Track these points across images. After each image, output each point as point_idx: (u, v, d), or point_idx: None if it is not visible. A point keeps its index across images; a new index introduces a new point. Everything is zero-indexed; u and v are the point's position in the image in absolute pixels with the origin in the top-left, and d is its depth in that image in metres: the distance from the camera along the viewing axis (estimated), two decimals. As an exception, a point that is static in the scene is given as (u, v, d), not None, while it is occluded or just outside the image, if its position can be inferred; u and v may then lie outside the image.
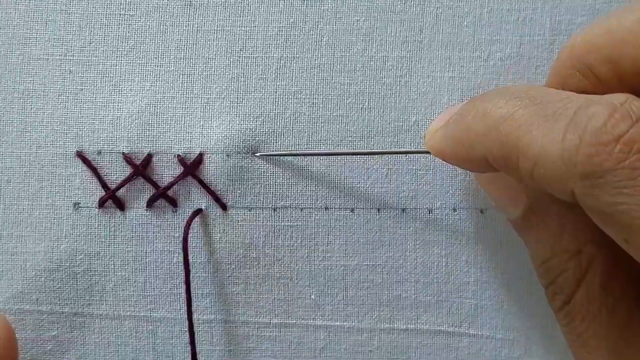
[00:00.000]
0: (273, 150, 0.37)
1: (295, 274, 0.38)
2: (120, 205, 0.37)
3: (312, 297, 0.38)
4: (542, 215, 0.30)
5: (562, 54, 0.31)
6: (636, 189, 0.24)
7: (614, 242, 0.27)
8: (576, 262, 0.29)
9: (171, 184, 0.37)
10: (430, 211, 0.38)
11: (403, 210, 0.38)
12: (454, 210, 0.38)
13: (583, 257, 0.29)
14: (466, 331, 0.38)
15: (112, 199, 0.37)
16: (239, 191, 0.37)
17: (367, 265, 0.38)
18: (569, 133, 0.25)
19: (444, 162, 0.33)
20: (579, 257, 0.29)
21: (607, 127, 0.24)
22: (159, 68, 0.37)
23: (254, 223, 0.37)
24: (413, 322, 0.38)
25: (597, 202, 0.24)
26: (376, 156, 0.38)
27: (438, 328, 0.38)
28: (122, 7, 0.37)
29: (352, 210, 0.38)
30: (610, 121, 0.25)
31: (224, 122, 0.37)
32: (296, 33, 0.37)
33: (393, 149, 0.37)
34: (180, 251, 0.37)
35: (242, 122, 0.37)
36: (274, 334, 0.38)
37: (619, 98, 0.25)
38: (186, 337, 0.37)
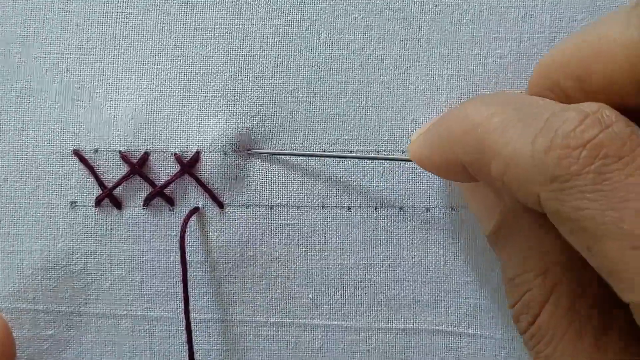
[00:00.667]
0: (270, 149, 0.37)
1: (293, 272, 0.38)
2: (117, 204, 0.37)
3: (310, 296, 0.38)
4: (512, 231, 0.31)
5: (534, 71, 0.31)
6: (600, 193, 0.24)
7: (581, 264, 0.28)
8: (542, 281, 0.29)
9: (168, 183, 0.37)
10: (427, 209, 0.38)
11: (400, 208, 0.37)
12: (452, 209, 0.38)
13: (549, 277, 0.29)
14: (465, 331, 0.38)
15: (108, 198, 0.37)
16: (236, 189, 0.37)
17: (364, 264, 0.38)
18: (540, 136, 0.26)
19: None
20: (544, 276, 0.29)
21: (576, 131, 0.25)
22: (156, 66, 0.37)
23: (251, 221, 0.37)
24: (411, 321, 0.38)
25: (563, 207, 0.25)
26: (373, 153, 0.37)
27: (436, 327, 0.38)
28: (119, 5, 0.37)
29: (349, 208, 0.37)
30: (580, 126, 0.25)
31: (220, 121, 0.37)
32: (293, 31, 0.37)
33: (379, 155, 0.37)
34: (177, 250, 0.37)
35: (239, 121, 0.37)
36: (271, 333, 0.38)
37: (591, 106, 0.26)
38: (183, 336, 0.37)
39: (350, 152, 0.37)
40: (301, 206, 0.37)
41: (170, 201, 0.37)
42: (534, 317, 0.29)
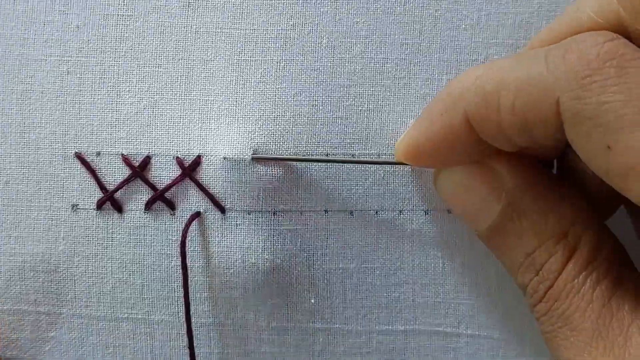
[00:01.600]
0: (272, 153, 0.37)
1: (294, 277, 0.38)
2: (118, 207, 0.37)
3: (312, 300, 0.38)
4: (523, 207, 0.30)
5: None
6: (623, 86, 0.24)
7: (598, 219, 0.29)
8: (564, 244, 0.29)
9: (169, 186, 0.37)
10: (426, 212, 0.38)
11: (400, 212, 0.38)
12: (449, 211, 0.38)
13: (570, 237, 0.29)
14: (464, 332, 0.39)
15: (110, 201, 0.37)
16: (238, 194, 0.37)
17: (365, 267, 0.38)
18: (552, 52, 0.26)
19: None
20: (566, 239, 0.29)
21: (591, 37, 0.26)
22: (157, 69, 0.37)
23: (253, 226, 0.37)
24: (411, 323, 0.38)
25: (585, 106, 0.25)
26: (374, 156, 0.38)
27: (436, 329, 0.38)
28: (120, 8, 0.37)
29: (351, 213, 0.38)
30: (592, 35, 0.26)
31: (222, 124, 0.37)
32: (295, 35, 0.37)
33: (364, 159, 0.37)
34: (178, 254, 0.37)
35: (240, 124, 0.37)
36: (273, 337, 0.38)
37: (593, 31, 0.27)
38: (184, 340, 0.37)
39: (352, 155, 0.37)
40: (304, 211, 0.38)
41: (171, 205, 0.37)
42: (553, 280, 0.29)
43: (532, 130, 0.28)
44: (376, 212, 0.38)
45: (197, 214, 0.37)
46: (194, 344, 0.37)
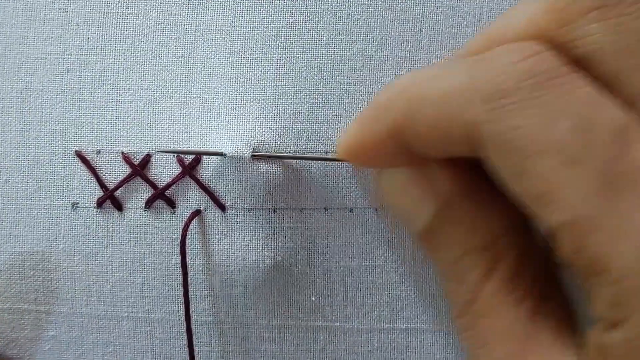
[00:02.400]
0: (272, 151, 0.37)
1: (295, 275, 0.38)
2: (118, 206, 0.37)
3: (312, 298, 0.38)
4: (453, 213, 0.30)
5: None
6: (536, 110, 0.24)
7: (524, 235, 0.28)
8: (488, 256, 0.28)
9: (169, 185, 0.37)
10: (429, 211, 0.38)
11: None
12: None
13: (494, 250, 0.28)
14: (465, 331, 0.38)
15: (110, 199, 0.37)
16: (238, 192, 0.37)
17: (366, 265, 0.38)
18: (472, 66, 0.26)
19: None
20: (490, 251, 0.28)
21: (512, 53, 0.25)
22: (157, 67, 0.37)
23: (253, 224, 0.37)
24: (413, 321, 0.38)
25: (498, 127, 0.24)
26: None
27: (438, 327, 0.38)
28: (120, 5, 0.37)
29: (351, 210, 0.37)
30: (515, 49, 0.25)
31: (222, 123, 0.37)
32: (295, 33, 0.37)
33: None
34: (179, 252, 0.37)
35: (240, 122, 0.37)
36: (273, 335, 0.38)
37: (520, 43, 0.26)
38: (184, 338, 0.37)
39: None
40: (304, 209, 0.37)
41: (172, 203, 0.37)
42: (475, 293, 0.28)
43: (452, 146, 0.27)
44: (376, 210, 0.38)
45: (196, 212, 0.37)
46: (194, 343, 0.37)
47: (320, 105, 0.37)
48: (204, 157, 0.37)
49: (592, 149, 0.23)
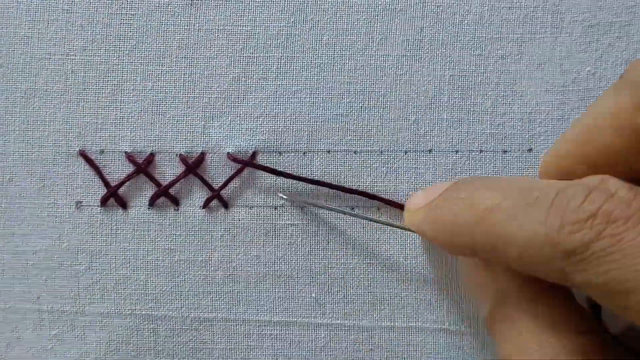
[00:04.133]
0: (273, 150, 0.37)
1: (296, 272, 0.38)
2: (122, 204, 0.38)
3: (313, 295, 0.38)
4: (509, 312, 0.31)
5: (544, 162, 0.33)
6: (618, 254, 0.25)
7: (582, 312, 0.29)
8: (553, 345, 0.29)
9: (173, 182, 0.37)
10: (430, 210, 0.38)
11: (402, 208, 0.38)
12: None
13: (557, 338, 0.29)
14: (467, 329, 0.38)
15: (114, 198, 0.37)
16: (241, 190, 0.37)
17: (367, 263, 0.38)
18: (550, 216, 0.27)
19: (442, 162, 0.34)
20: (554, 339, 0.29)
21: (584, 205, 0.26)
22: (160, 67, 0.38)
23: (255, 221, 0.37)
24: (413, 320, 0.38)
25: (587, 276, 0.26)
26: (376, 153, 0.38)
27: (439, 326, 0.38)
28: (123, 6, 0.38)
29: (352, 208, 0.38)
30: (588, 199, 0.26)
31: (225, 121, 0.37)
32: (297, 32, 0.37)
33: (383, 220, 0.37)
34: (182, 249, 0.37)
35: (243, 121, 0.37)
36: (275, 332, 0.38)
37: (594, 179, 0.28)
38: (188, 335, 0.37)
39: (355, 152, 0.37)
40: (305, 206, 0.38)
41: (175, 201, 0.38)
42: None
43: (542, 277, 0.28)
44: (378, 209, 0.38)
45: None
46: (197, 340, 0.37)
47: (321, 104, 0.37)
48: (207, 156, 0.37)
49: None
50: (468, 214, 0.30)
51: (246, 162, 0.37)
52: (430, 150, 0.38)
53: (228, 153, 0.37)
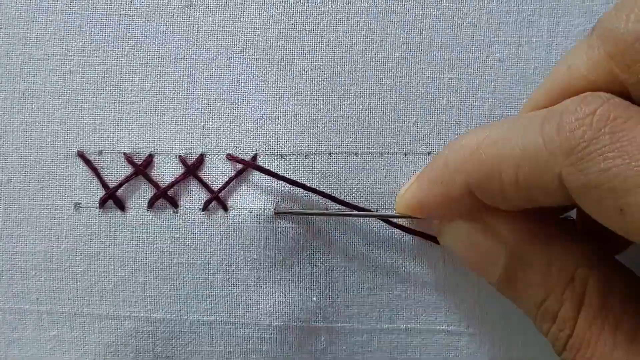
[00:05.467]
0: (273, 152, 0.37)
1: (296, 276, 0.38)
2: (121, 206, 0.37)
3: (314, 299, 0.38)
4: (526, 259, 0.31)
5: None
6: (621, 150, 0.25)
7: (605, 257, 0.29)
8: (571, 290, 0.29)
9: (172, 184, 0.37)
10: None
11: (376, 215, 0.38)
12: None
13: (577, 283, 0.29)
14: (465, 330, 0.38)
15: (112, 199, 0.37)
16: (240, 192, 0.37)
17: (367, 265, 0.38)
18: (546, 124, 0.27)
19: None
20: (572, 284, 0.29)
21: (581, 106, 0.26)
22: (159, 68, 0.37)
23: (255, 224, 0.37)
24: (413, 321, 0.38)
25: (588, 176, 0.25)
26: (377, 155, 0.38)
27: (438, 327, 0.38)
28: (122, 7, 0.37)
29: (352, 211, 0.38)
30: (584, 102, 0.26)
31: (224, 123, 0.37)
32: (297, 34, 0.37)
33: (377, 213, 0.38)
34: (181, 252, 0.37)
35: (242, 123, 0.37)
36: (275, 335, 0.38)
37: (586, 94, 0.27)
38: (185, 338, 0.37)
39: (356, 154, 0.37)
40: (305, 209, 0.37)
41: (174, 203, 0.37)
42: (571, 327, 0.29)
43: (537, 199, 0.28)
44: (377, 211, 0.38)
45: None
46: (196, 343, 0.37)
47: (321, 106, 0.37)
48: (207, 158, 0.37)
49: None
50: (459, 154, 0.30)
51: (247, 163, 0.37)
52: (429, 153, 0.38)
53: (228, 154, 0.37)
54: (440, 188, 0.31)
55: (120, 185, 0.37)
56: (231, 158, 0.37)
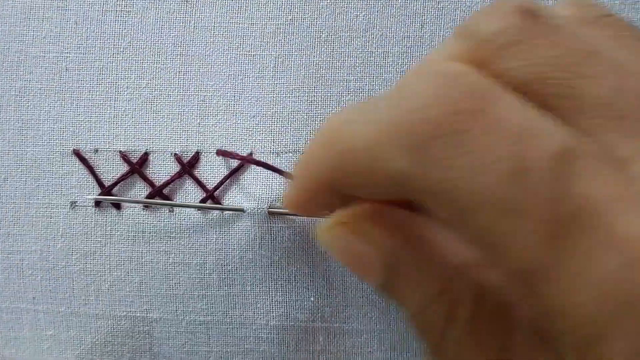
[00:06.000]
0: (270, 150, 0.37)
1: (294, 275, 0.37)
2: (117, 204, 0.37)
3: (311, 299, 0.37)
4: (402, 266, 0.27)
5: None
6: (465, 156, 0.20)
7: (481, 270, 0.26)
8: (445, 301, 0.26)
9: (167, 183, 0.37)
10: (430, 210, 0.37)
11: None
12: None
13: (450, 295, 0.26)
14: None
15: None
16: (236, 191, 0.37)
17: (366, 265, 0.37)
18: (389, 104, 0.22)
19: None
20: (446, 295, 0.26)
21: (420, 89, 0.21)
22: (155, 65, 0.37)
23: (250, 223, 0.37)
24: (413, 322, 0.38)
25: (426, 181, 0.21)
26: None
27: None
28: (118, 3, 0.37)
29: None
30: (426, 80, 0.22)
31: (221, 121, 0.37)
32: (294, 30, 0.37)
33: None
34: (177, 251, 0.37)
35: (239, 120, 0.37)
36: (272, 335, 0.38)
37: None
38: (182, 338, 0.37)
39: None
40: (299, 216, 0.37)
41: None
42: (440, 340, 0.26)
43: (389, 195, 0.24)
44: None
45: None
46: (192, 343, 0.37)
47: (320, 102, 0.37)
48: (202, 155, 0.37)
49: (531, 195, 0.20)
50: (316, 149, 0.25)
51: (239, 157, 0.36)
52: (430, 150, 0.37)
53: (218, 149, 0.37)
54: (307, 181, 0.27)
55: (114, 184, 0.37)
56: (222, 153, 0.36)
